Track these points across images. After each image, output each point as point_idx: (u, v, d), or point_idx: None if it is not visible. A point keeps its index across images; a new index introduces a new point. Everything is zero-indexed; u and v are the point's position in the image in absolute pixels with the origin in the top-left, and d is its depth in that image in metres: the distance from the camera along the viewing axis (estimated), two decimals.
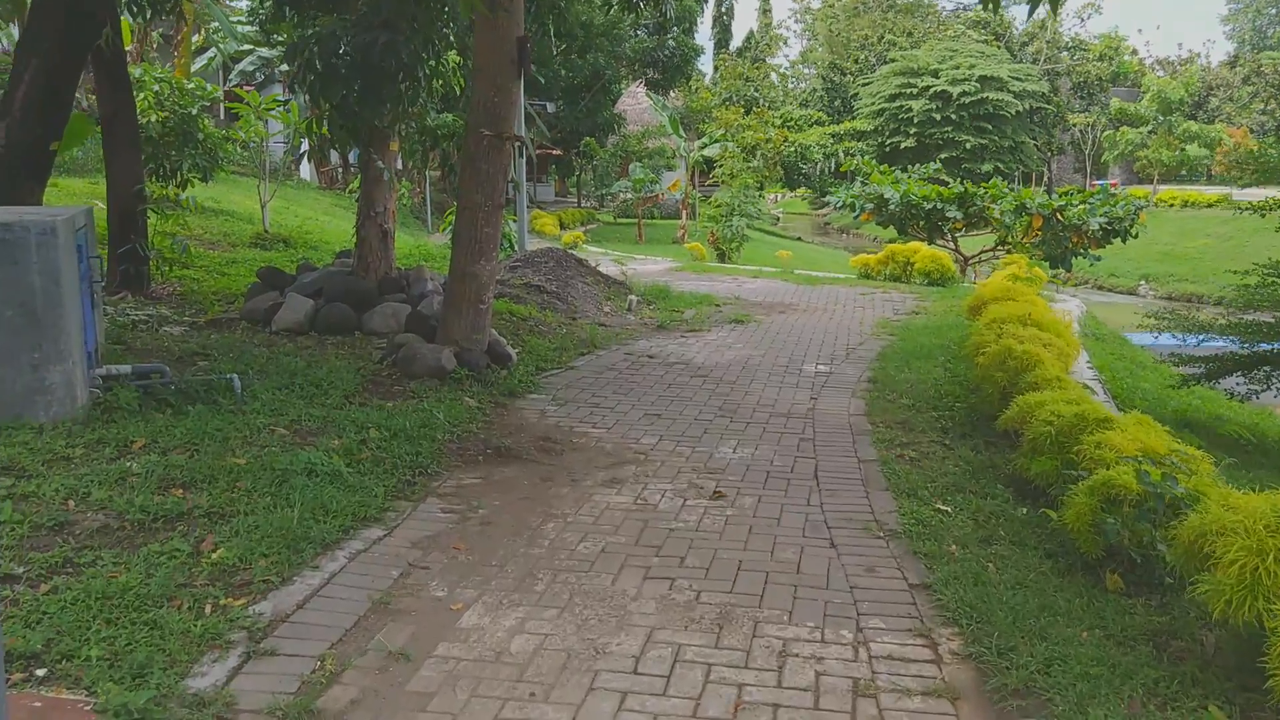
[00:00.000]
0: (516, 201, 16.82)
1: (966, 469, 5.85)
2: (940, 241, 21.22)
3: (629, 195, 33.27)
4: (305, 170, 35.27)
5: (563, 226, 34.46)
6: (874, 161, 24.44)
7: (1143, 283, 35.12)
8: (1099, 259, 20.90)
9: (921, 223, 20.68)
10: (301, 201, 23.99)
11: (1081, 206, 19.76)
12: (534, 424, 6.78)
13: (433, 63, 8.96)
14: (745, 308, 13.18)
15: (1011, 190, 20.81)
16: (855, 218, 22.59)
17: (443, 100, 10.61)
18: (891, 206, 20.42)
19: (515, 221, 16.92)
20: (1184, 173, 50.01)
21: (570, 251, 14.13)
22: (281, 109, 14.22)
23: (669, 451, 6.24)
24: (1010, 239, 20.29)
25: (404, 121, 9.92)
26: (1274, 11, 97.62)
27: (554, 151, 46.75)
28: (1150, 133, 45.73)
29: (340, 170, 34.77)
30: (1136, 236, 20.42)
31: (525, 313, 10.73)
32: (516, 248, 16.40)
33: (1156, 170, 45.76)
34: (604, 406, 7.39)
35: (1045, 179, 57.04)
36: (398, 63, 8.26)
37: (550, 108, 41.75)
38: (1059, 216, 19.51)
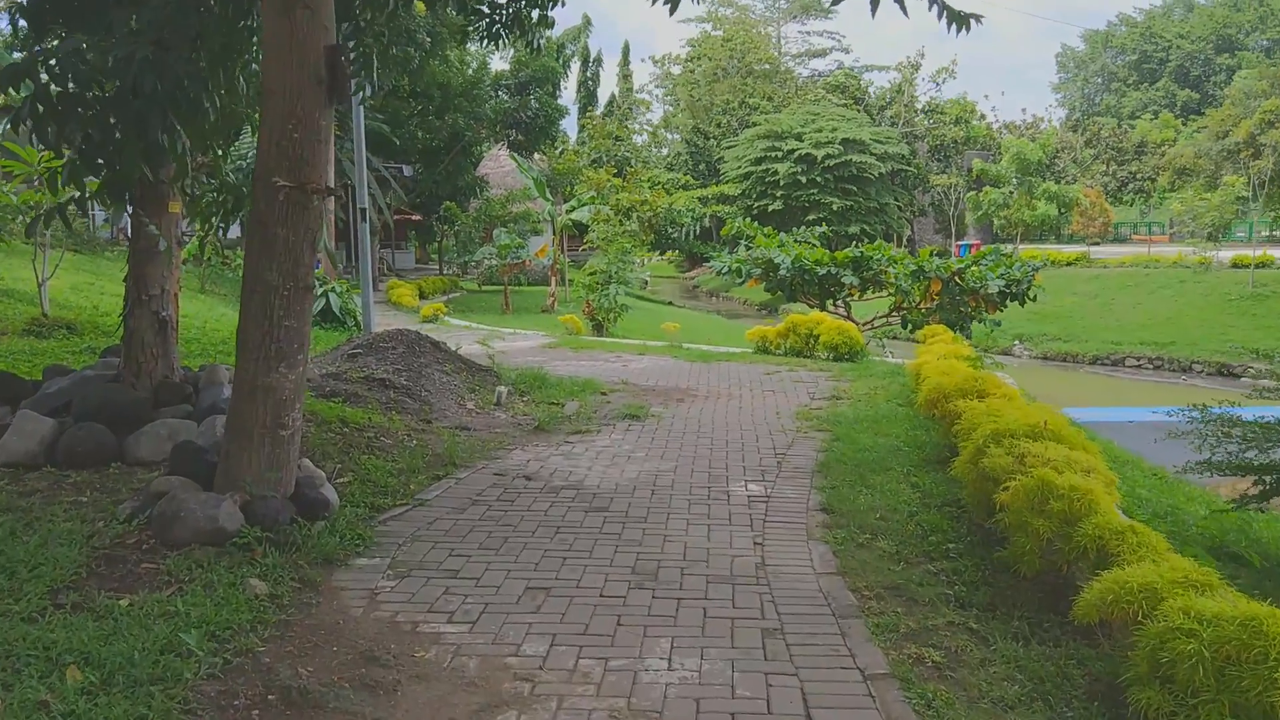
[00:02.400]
0: (361, 272, 14.38)
1: (1028, 682, 3.81)
2: (833, 308, 19.80)
3: (494, 262, 31.01)
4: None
5: (423, 296, 31.86)
6: (756, 224, 22.98)
7: (1017, 343, 34.94)
8: (998, 324, 19.84)
9: (814, 289, 19.20)
10: (113, 275, 20.73)
11: (975, 268, 18.69)
12: (355, 626, 4.40)
13: (224, 92, 6.58)
14: (637, 395, 11.07)
15: (905, 254, 19.58)
16: (740, 283, 20.98)
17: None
18: (782, 272, 18.86)
19: (360, 296, 14.45)
20: (1040, 232, 51.37)
21: (425, 334, 11.76)
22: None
23: (567, 673, 3.97)
24: (907, 304, 19.00)
25: (191, 176, 7.48)
26: (1100, 81, 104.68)
27: (413, 216, 44.22)
28: (1010, 193, 46.65)
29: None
30: (1035, 299, 19.46)
31: (361, 419, 8.30)
32: (361, 330, 13.93)
33: (1018, 229, 46.61)
34: (465, 575, 5.07)
35: (908, 240, 57.82)
36: (169, 90, 5.90)
37: (407, 170, 39.44)
38: (958, 280, 18.34)
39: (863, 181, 53.78)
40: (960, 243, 48.14)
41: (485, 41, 9.14)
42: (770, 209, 53.56)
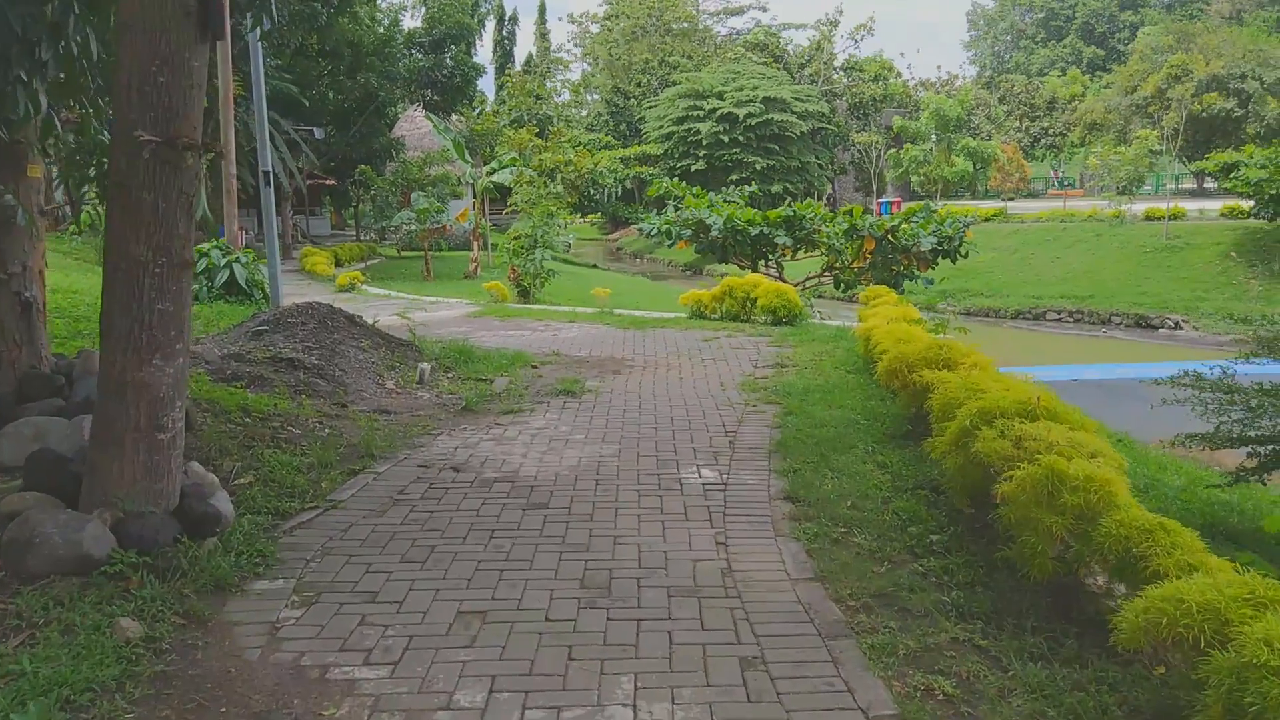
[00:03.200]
0: (267, 241, 13.29)
1: (1061, 719, 3.25)
2: (765, 269, 19.28)
3: (413, 227, 29.74)
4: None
5: (339, 264, 30.49)
6: (683, 184, 22.27)
7: (945, 300, 35.05)
8: (931, 282, 19.56)
9: (747, 249, 18.63)
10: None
11: (907, 226, 18.33)
12: (250, 674, 3.63)
13: (80, 37, 5.58)
14: (571, 368, 10.35)
15: (841, 213, 19.10)
16: (670, 245, 20.29)
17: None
18: (714, 233, 18.23)
19: (266, 266, 13.36)
20: (957, 189, 51.75)
21: (338, 308, 10.80)
22: None
23: None
24: (840, 263, 18.58)
25: (50, 135, 6.45)
26: (1009, 38, 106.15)
27: (327, 181, 42.40)
28: (930, 150, 46.74)
29: (66, 206, 29.30)
30: (966, 256, 19.22)
31: (266, 406, 7.42)
32: (269, 304, 12.88)
33: (938, 186, 46.78)
34: (385, 599, 4.33)
35: (828, 198, 57.77)
36: (3, 37, 4.94)
37: (318, 133, 37.67)
38: (891, 238, 17.95)
39: (784, 140, 53.38)
40: (880, 200, 48.18)
41: None
42: (693, 169, 52.86)
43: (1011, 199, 49.58)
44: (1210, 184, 49.11)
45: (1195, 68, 46.15)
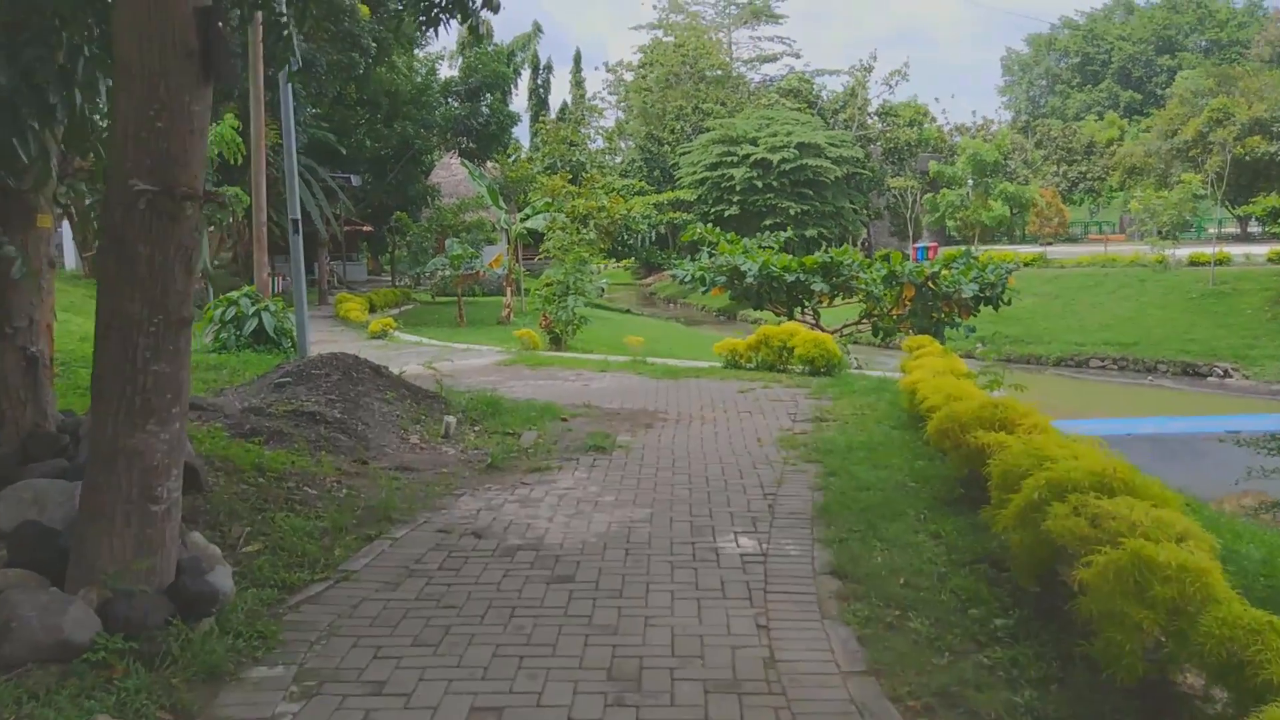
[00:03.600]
0: (295, 288, 13.12)
1: None
2: (801, 316, 18.86)
3: (447, 272, 29.70)
4: (70, 256, 29.74)
5: (373, 310, 30.47)
6: (717, 230, 22.00)
7: (979, 344, 34.36)
8: (974, 330, 19.04)
9: (782, 296, 18.24)
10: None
11: (948, 272, 17.87)
12: None
13: (90, 78, 5.36)
14: (602, 421, 9.97)
15: (879, 259, 18.68)
16: (704, 292, 19.97)
17: None
18: (748, 279, 17.87)
19: (295, 314, 13.18)
20: (994, 234, 51.17)
21: (363, 358, 10.52)
22: None
23: None
24: (879, 310, 18.13)
25: (64, 182, 6.26)
26: (1044, 83, 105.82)
27: (364, 228, 42.72)
28: (967, 194, 46.27)
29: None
30: (1010, 303, 18.72)
31: (283, 464, 7.10)
32: (296, 353, 12.68)
33: (975, 230, 46.23)
34: (393, 690, 3.93)
35: (863, 243, 57.33)
36: (14, 83, 4.72)
37: (355, 180, 38.03)
38: (931, 284, 17.49)
39: (819, 185, 53.13)
40: (916, 245, 47.70)
41: (425, 29, 8.00)
42: (727, 214, 52.70)
43: (1050, 243, 48.94)
44: (1255, 228, 48.16)
45: (1237, 111, 45.44)
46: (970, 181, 47.09)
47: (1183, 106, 52.08)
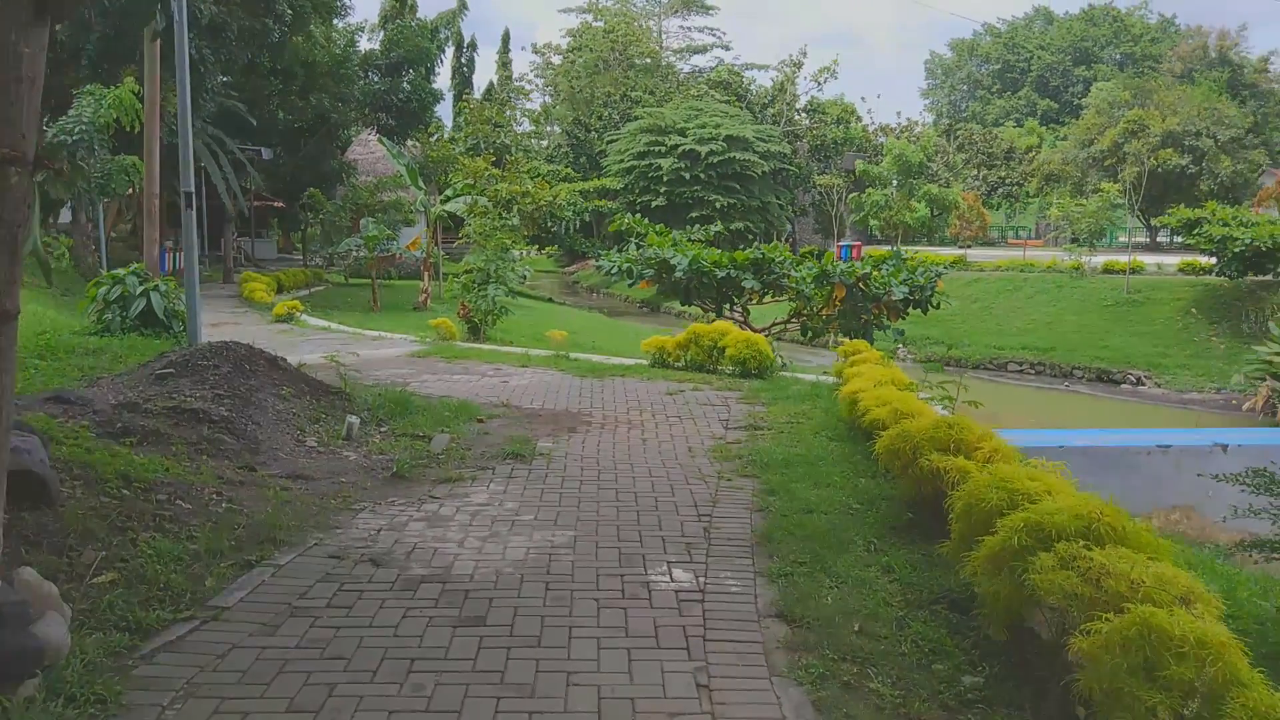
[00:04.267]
0: (186, 268, 12.06)
1: None
2: (730, 313, 18.38)
3: (361, 254, 28.43)
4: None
5: (281, 290, 29.00)
6: (645, 220, 21.38)
7: (900, 348, 34.52)
8: (902, 333, 18.79)
9: (712, 292, 17.71)
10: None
11: (878, 273, 17.56)
12: None
13: None
14: (521, 423, 9.26)
15: (807, 256, 18.30)
16: (631, 284, 19.33)
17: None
18: (678, 274, 17.29)
19: (186, 296, 12.10)
20: (915, 235, 51.67)
21: (258, 348, 9.58)
22: None
23: None
24: (808, 310, 17.73)
25: None
26: (966, 88, 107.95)
27: (275, 203, 40.95)
28: (891, 194, 46.59)
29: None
30: (939, 307, 18.53)
31: (154, 473, 6.21)
32: (186, 339, 11.63)
33: (899, 231, 46.58)
34: None
35: (789, 238, 57.42)
36: None
37: (266, 154, 36.37)
38: (862, 286, 17.16)
39: (746, 179, 52.92)
40: (841, 243, 47.86)
41: None
42: (654, 204, 52.12)
43: (969, 246, 49.61)
44: (1164, 238, 49.58)
45: (1152, 123, 46.64)
46: (895, 182, 47.36)
47: (1099, 117, 53.37)
